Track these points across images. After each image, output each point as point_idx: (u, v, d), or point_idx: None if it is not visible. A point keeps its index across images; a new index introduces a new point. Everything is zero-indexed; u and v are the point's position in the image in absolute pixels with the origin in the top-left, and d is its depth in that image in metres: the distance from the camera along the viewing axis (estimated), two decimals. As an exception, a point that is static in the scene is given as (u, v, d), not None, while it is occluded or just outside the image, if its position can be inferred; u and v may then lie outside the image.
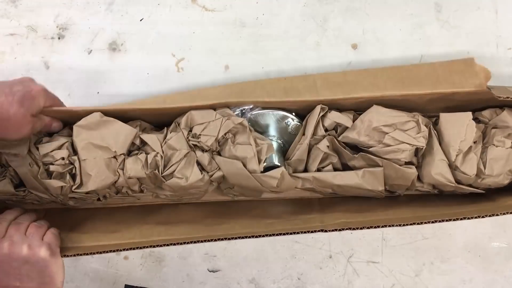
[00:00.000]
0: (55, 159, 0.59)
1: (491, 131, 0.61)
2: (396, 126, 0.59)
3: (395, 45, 0.76)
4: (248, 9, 0.78)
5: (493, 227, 0.67)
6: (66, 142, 0.60)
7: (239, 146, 0.59)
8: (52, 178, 0.59)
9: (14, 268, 0.51)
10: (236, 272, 0.66)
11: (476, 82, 0.58)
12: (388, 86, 0.60)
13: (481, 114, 0.63)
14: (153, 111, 0.61)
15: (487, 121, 0.62)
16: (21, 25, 0.77)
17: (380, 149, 0.59)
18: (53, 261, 0.53)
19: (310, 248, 0.67)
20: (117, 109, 0.60)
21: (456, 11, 0.77)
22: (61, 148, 0.59)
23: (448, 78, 0.60)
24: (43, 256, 0.52)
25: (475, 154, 0.60)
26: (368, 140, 0.60)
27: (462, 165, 0.60)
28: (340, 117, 0.60)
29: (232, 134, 0.60)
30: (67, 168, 0.59)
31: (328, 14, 0.78)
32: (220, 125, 0.58)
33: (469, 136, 0.59)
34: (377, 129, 0.59)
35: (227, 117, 0.59)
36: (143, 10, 0.78)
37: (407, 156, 0.60)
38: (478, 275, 0.65)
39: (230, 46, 0.76)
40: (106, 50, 0.76)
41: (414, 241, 0.66)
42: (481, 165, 0.60)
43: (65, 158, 0.59)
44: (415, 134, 0.59)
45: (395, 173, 0.60)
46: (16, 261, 0.51)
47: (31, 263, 0.51)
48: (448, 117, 0.61)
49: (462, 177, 0.60)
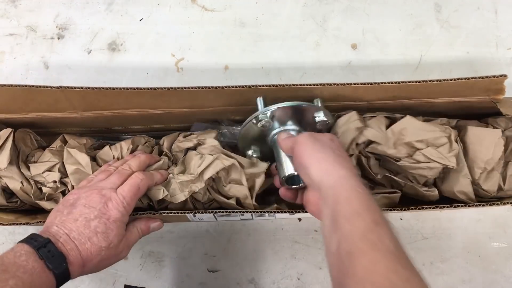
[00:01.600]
0: (47, 181, 0.57)
1: (509, 145, 0.58)
2: (428, 142, 0.56)
3: (395, 45, 0.76)
4: (248, 9, 0.78)
5: (493, 227, 0.67)
6: (58, 164, 0.58)
7: (233, 186, 0.56)
8: (46, 200, 0.58)
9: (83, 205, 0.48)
10: (235, 272, 0.66)
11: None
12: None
13: (495, 122, 0.61)
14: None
15: (502, 129, 0.59)
16: (20, 25, 0.77)
17: (408, 164, 0.57)
18: (116, 225, 0.48)
19: (310, 248, 0.67)
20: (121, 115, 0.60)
21: (456, 11, 0.77)
22: (52, 170, 0.58)
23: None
24: (114, 216, 0.48)
25: (498, 172, 0.57)
26: (396, 153, 0.57)
27: (484, 183, 0.57)
28: (375, 136, 0.57)
29: (224, 172, 0.57)
30: (60, 190, 0.58)
31: (328, 14, 0.78)
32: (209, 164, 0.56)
33: (496, 156, 0.56)
34: (409, 144, 0.56)
35: (217, 156, 0.56)
36: (142, 10, 0.78)
37: (435, 174, 0.57)
38: (478, 275, 0.65)
39: (230, 46, 0.76)
40: (105, 50, 0.76)
41: (414, 241, 0.66)
42: (500, 181, 0.57)
43: (56, 181, 0.57)
44: (447, 153, 0.56)
45: (415, 193, 0.58)
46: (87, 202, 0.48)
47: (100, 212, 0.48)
48: (476, 132, 0.58)
49: (482, 193, 0.58)
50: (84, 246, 0.45)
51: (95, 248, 0.46)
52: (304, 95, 0.56)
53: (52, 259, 0.43)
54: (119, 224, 0.48)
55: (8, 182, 0.57)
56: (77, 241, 0.45)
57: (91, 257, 0.46)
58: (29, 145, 0.61)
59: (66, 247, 0.44)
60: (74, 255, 0.45)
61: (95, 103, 0.58)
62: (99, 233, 0.46)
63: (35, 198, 0.58)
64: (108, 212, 0.48)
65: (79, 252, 0.45)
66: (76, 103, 0.58)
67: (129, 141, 0.61)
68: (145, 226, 0.54)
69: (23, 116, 0.60)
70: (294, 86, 0.55)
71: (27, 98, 0.57)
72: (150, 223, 0.54)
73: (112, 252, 0.48)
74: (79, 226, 0.46)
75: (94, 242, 0.46)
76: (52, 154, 0.59)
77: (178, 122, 0.64)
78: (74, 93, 0.55)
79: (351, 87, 0.56)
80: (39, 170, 0.57)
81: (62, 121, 0.61)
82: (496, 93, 0.58)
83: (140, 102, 0.59)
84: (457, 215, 0.68)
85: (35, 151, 0.60)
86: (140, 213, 0.53)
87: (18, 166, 0.58)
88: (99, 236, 0.46)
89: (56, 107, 0.59)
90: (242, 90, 0.55)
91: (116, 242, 0.48)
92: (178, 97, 0.57)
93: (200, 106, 0.60)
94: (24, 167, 0.58)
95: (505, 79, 0.55)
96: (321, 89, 0.56)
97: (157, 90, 0.54)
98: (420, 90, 0.58)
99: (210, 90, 0.54)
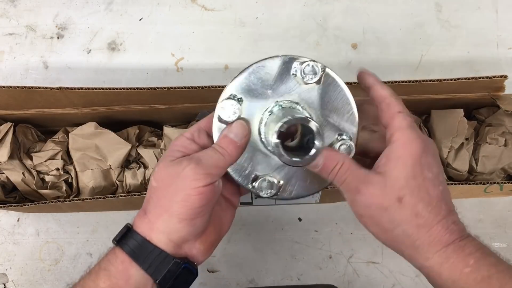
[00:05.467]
0: (50, 169, 0.58)
1: (485, 128, 0.61)
2: None
3: (396, 44, 0.76)
4: (248, 8, 0.77)
5: (493, 228, 0.67)
6: (60, 152, 0.59)
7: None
8: (49, 188, 0.59)
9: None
10: (235, 272, 0.66)
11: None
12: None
13: (478, 112, 0.63)
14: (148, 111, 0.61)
15: (483, 118, 0.62)
16: (20, 24, 0.77)
17: None
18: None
19: (310, 249, 0.66)
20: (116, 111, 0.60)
21: (456, 11, 0.77)
22: (55, 158, 0.58)
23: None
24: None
25: (467, 151, 0.59)
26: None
27: (454, 162, 0.59)
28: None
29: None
30: (63, 178, 0.59)
31: (328, 14, 0.77)
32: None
33: (461, 133, 0.59)
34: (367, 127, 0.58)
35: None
36: (142, 9, 0.78)
37: None
38: (478, 275, 0.65)
39: (230, 45, 0.76)
40: (105, 50, 0.75)
41: (414, 241, 0.66)
42: (473, 162, 0.60)
43: (60, 169, 0.58)
44: None
45: None
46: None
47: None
48: (439, 114, 0.60)
49: (454, 174, 0.60)
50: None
51: None
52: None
53: None
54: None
55: (9, 174, 0.58)
56: None
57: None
58: (30, 138, 0.62)
59: None
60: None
61: (94, 101, 0.58)
62: None
63: (37, 188, 0.58)
64: None
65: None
66: (76, 101, 0.58)
67: (135, 127, 0.62)
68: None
69: (23, 112, 0.60)
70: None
71: (27, 97, 0.57)
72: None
73: None
74: None
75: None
76: (55, 143, 0.59)
77: (177, 119, 0.64)
78: (74, 93, 0.55)
79: (351, 87, 0.56)
80: (41, 159, 0.58)
81: (63, 118, 0.61)
82: (495, 91, 0.58)
83: (140, 101, 0.59)
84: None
85: (37, 143, 0.61)
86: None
87: (20, 158, 0.59)
88: None
89: (56, 105, 0.59)
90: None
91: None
92: (178, 96, 0.57)
93: (200, 107, 0.60)
94: (26, 158, 0.59)
95: (505, 80, 0.55)
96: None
97: (157, 90, 0.54)
98: (420, 89, 0.58)
99: (210, 90, 0.54)
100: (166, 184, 0.37)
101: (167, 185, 0.37)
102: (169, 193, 0.36)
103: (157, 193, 0.37)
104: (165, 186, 0.37)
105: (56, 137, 0.61)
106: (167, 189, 0.36)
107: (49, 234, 0.67)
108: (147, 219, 0.37)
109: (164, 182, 0.37)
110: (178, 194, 0.36)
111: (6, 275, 0.65)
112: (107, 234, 0.66)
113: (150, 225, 0.37)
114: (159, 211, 0.37)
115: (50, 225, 0.67)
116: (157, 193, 0.37)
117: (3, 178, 0.58)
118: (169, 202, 0.36)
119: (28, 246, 0.66)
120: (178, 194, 0.36)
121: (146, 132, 0.64)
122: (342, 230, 0.67)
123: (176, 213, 0.36)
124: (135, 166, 0.61)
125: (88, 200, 0.55)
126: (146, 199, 0.39)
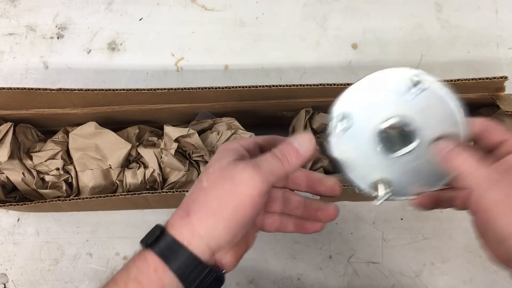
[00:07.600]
0: (50, 169, 0.58)
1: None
2: None
3: (396, 44, 0.76)
4: (248, 8, 0.77)
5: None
6: (60, 151, 0.59)
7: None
8: (49, 188, 0.59)
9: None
10: (235, 272, 0.66)
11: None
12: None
13: (478, 112, 0.63)
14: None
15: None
16: (20, 24, 0.77)
17: None
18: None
19: (310, 249, 0.66)
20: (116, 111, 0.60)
21: (456, 11, 0.77)
22: (55, 158, 0.59)
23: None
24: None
25: None
26: None
27: None
28: (327, 118, 0.60)
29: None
30: (63, 178, 0.59)
31: (328, 14, 0.77)
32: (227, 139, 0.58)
33: None
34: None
35: (235, 130, 0.59)
36: (142, 9, 0.78)
37: None
38: (478, 275, 0.64)
39: (230, 45, 0.76)
40: (105, 50, 0.75)
41: (414, 241, 0.66)
42: None
43: (60, 169, 0.58)
44: None
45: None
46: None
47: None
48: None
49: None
50: None
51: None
52: (304, 94, 0.56)
53: None
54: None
55: (9, 174, 0.58)
56: None
57: None
58: (30, 138, 0.62)
59: None
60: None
61: (94, 102, 0.58)
62: None
63: (37, 188, 0.58)
64: None
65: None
66: (76, 101, 0.58)
67: (135, 127, 0.62)
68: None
69: (23, 112, 0.60)
70: (294, 86, 0.55)
71: (27, 98, 0.57)
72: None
73: None
74: None
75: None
76: (55, 143, 0.59)
77: (177, 119, 0.64)
78: (74, 94, 0.55)
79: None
80: (41, 159, 0.58)
81: (62, 118, 0.61)
82: (495, 91, 0.58)
83: (140, 101, 0.59)
84: (458, 216, 0.67)
85: (37, 143, 0.61)
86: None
87: (20, 158, 0.59)
88: None
89: (56, 105, 0.59)
90: (242, 90, 0.55)
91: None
92: (178, 97, 0.57)
93: (200, 107, 0.60)
94: (26, 158, 0.59)
95: (505, 81, 0.55)
96: (322, 89, 0.56)
97: (157, 91, 0.54)
98: None
99: (210, 91, 0.54)
100: (218, 186, 0.34)
101: (219, 187, 0.34)
102: (221, 196, 0.34)
103: (207, 194, 0.35)
104: (217, 188, 0.34)
105: (56, 137, 0.61)
106: (219, 191, 0.34)
107: (49, 234, 0.67)
108: (189, 221, 0.34)
109: (216, 184, 0.34)
110: (230, 199, 0.33)
111: (6, 275, 0.65)
112: (107, 234, 0.66)
113: (192, 228, 0.34)
114: (205, 214, 0.34)
115: (50, 225, 0.67)
116: (206, 194, 0.35)
117: (3, 178, 0.58)
118: (218, 205, 0.34)
119: (28, 246, 0.66)
120: (231, 199, 0.33)
121: (146, 132, 0.64)
122: (342, 230, 0.67)
123: (224, 218, 0.33)
124: (135, 165, 0.61)
125: (88, 199, 0.55)
126: (192, 199, 0.36)
